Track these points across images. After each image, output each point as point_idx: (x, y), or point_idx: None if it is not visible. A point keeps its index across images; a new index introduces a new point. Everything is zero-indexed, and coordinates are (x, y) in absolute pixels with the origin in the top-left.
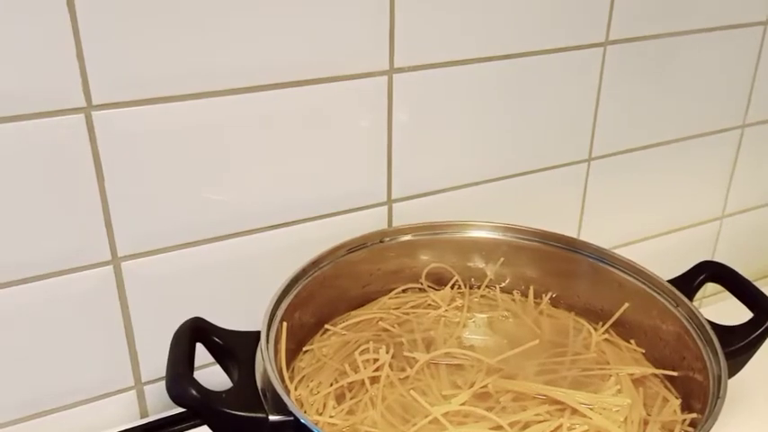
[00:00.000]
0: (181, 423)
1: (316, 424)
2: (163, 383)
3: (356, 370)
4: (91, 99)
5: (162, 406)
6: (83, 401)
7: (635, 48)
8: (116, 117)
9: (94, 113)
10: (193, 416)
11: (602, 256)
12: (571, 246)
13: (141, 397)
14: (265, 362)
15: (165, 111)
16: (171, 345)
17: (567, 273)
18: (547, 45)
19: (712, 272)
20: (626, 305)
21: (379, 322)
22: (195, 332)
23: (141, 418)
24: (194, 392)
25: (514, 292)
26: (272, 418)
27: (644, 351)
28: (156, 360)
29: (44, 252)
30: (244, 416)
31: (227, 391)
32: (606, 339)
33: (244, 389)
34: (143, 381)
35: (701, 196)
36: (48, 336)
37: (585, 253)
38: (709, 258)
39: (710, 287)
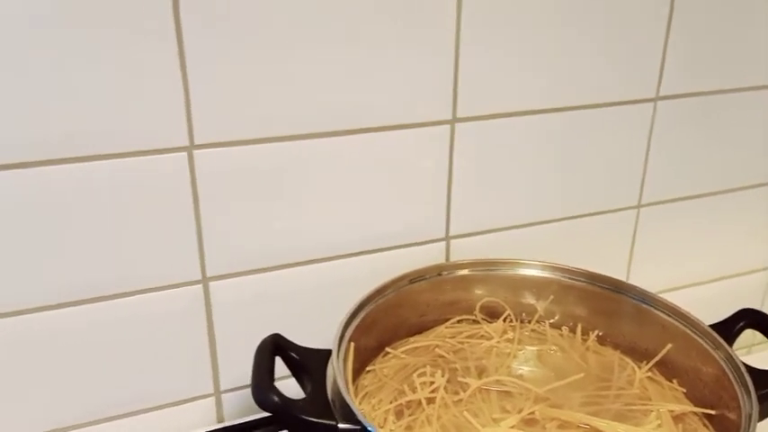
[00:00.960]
0: (254, 429)
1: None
2: (239, 392)
3: (414, 390)
4: (193, 139)
5: (237, 413)
6: (167, 405)
7: (684, 103)
8: (213, 155)
9: (195, 152)
10: (272, 421)
11: (646, 299)
12: (617, 287)
13: (219, 404)
14: (336, 375)
15: (254, 151)
16: (255, 357)
17: (614, 313)
18: (601, 99)
19: (751, 319)
20: (669, 346)
21: (436, 349)
22: (275, 347)
23: (218, 423)
24: (276, 399)
25: (563, 327)
26: (341, 425)
27: (685, 390)
28: (235, 371)
29: (143, 270)
30: (317, 422)
31: (302, 400)
32: (649, 377)
33: (316, 399)
34: (221, 389)
35: (749, 246)
36: (140, 344)
37: (631, 295)
38: (757, 307)
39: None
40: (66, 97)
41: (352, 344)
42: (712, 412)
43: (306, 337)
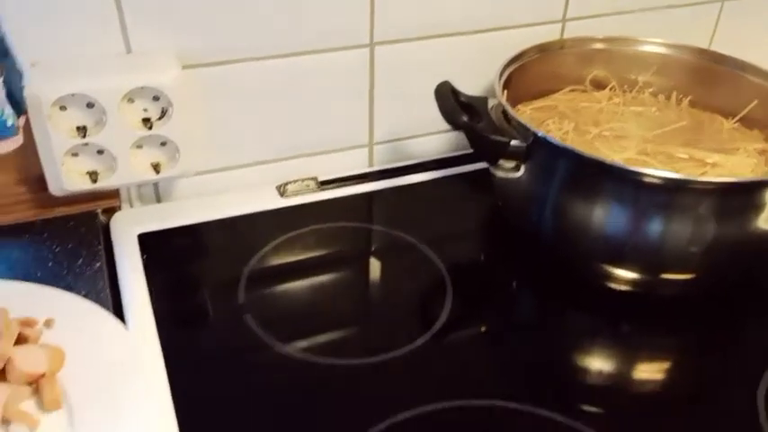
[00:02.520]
0: (393, 174)
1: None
2: (387, 144)
3: (548, 133)
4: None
5: (385, 161)
6: (332, 150)
7: None
8: None
9: None
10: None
11: (736, 65)
12: (713, 59)
13: (371, 153)
14: (504, 105)
15: None
16: (436, 96)
17: (706, 81)
18: None
19: None
20: (755, 102)
21: (557, 108)
22: (449, 88)
23: (369, 167)
24: (463, 119)
25: (659, 96)
26: (513, 142)
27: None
28: (386, 127)
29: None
30: (494, 139)
31: (479, 125)
32: (734, 128)
33: (488, 126)
34: (375, 141)
35: None
36: (314, 96)
37: (723, 64)
38: None
39: None
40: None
41: (505, 91)
42: None
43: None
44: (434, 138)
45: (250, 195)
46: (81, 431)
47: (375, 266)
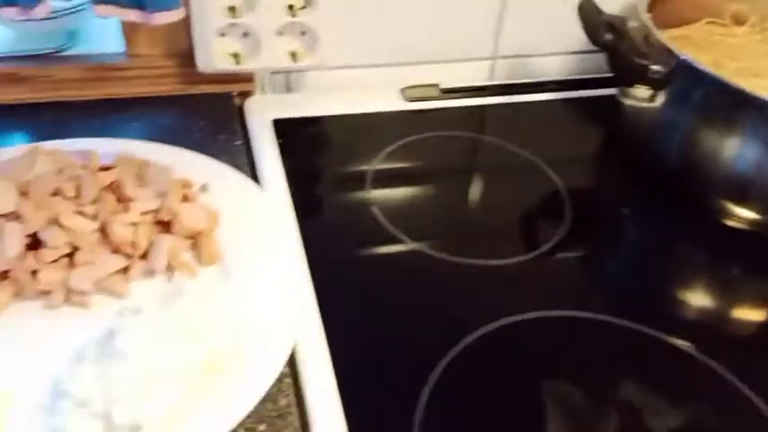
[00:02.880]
0: (514, 90)
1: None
2: (510, 61)
3: None
4: None
5: (504, 77)
6: (453, 60)
7: None
8: None
9: None
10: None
11: None
12: None
13: (494, 66)
14: (649, 27)
15: None
16: (580, 10)
17: None
18: None
19: None
20: None
21: (692, 39)
22: (594, 5)
23: (488, 81)
24: (607, 37)
25: None
26: (653, 67)
27: None
28: (511, 41)
29: None
30: (637, 61)
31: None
32: None
33: (630, 47)
34: (499, 55)
35: None
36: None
37: None
38: None
39: None
40: None
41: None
42: None
43: None
44: (558, 58)
45: (374, 95)
46: (233, 285)
47: (494, 178)
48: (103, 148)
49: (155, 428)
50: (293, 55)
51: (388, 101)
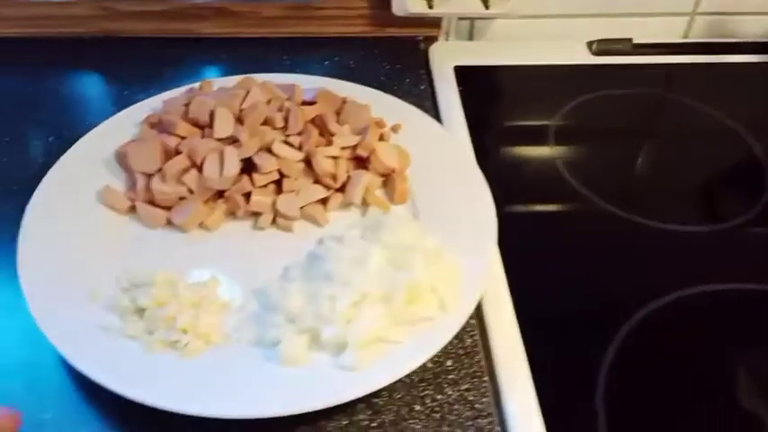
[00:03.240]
0: (711, 49)
1: None
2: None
3: None
4: None
5: (700, 35)
6: (647, 14)
7: None
8: None
9: None
10: None
11: None
12: None
13: (691, 23)
14: None
15: None
16: None
17: None
18: None
19: None
20: None
21: None
22: None
23: (683, 38)
24: None
25: None
26: None
27: None
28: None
29: None
30: None
31: None
32: None
33: None
34: (698, 11)
35: None
36: None
37: None
38: None
39: None
40: None
41: None
42: None
43: None
44: (759, 19)
45: (559, 47)
46: (423, 223)
47: (684, 140)
48: (304, 83)
49: (357, 348)
50: (485, 1)
51: (574, 53)
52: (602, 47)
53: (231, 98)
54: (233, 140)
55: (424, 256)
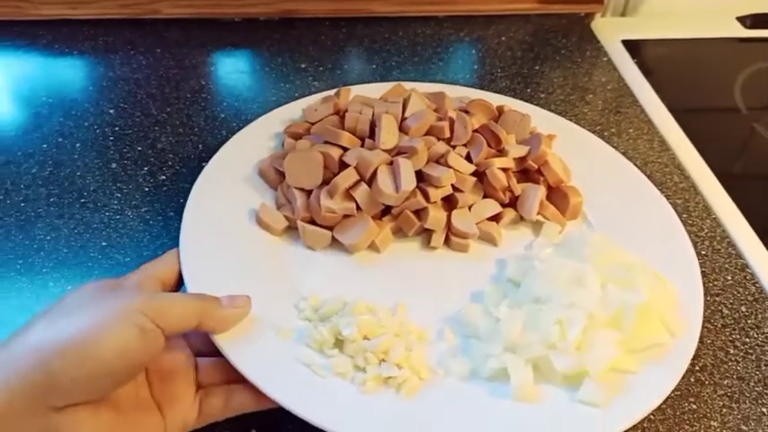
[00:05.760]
0: None
1: None
2: None
3: None
4: None
5: None
6: None
7: None
8: None
9: None
10: None
11: None
12: None
13: None
14: None
15: None
16: None
17: None
18: None
19: None
20: None
21: None
22: None
23: None
24: None
25: None
26: None
27: None
28: None
29: None
30: None
31: None
32: None
33: None
34: None
35: None
36: None
37: None
38: None
39: None
40: None
41: None
42: None
43: None
44: None
45: (712, 21)
46: (614, 242)
47: None
48: (449, 92)
49: (598, 380)
50: None
51: (728, 27)
52: (755, 20)
53: (391, 106)
54: (398, 152)
55: (646, 277)
